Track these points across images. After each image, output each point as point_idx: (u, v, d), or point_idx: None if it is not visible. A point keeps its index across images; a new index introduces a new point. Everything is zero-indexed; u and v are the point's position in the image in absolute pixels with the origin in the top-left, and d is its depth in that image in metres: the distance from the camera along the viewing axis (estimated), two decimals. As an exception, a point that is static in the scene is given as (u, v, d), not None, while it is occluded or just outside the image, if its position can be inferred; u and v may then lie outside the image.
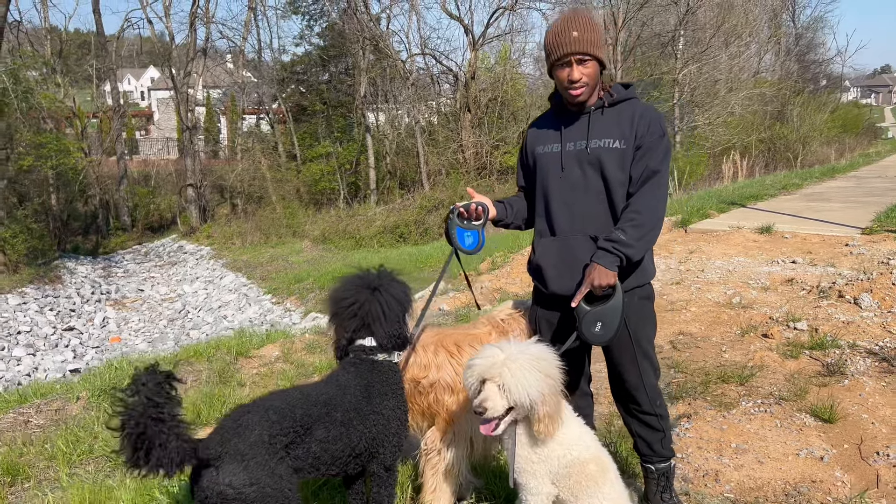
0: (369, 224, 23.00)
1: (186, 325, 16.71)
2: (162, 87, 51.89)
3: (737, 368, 5.22)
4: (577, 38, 2.78)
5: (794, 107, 33.48)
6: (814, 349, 5.53)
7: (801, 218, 12.37)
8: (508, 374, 2.55)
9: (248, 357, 6.36)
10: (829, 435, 4.16)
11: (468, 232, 3.12)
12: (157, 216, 33.08)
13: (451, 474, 3.28)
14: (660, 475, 3.25)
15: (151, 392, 2.06)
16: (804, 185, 18.18)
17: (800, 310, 6.62)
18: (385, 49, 28.80)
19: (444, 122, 29.58)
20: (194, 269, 22.78)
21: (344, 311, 2.95)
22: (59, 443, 4.32)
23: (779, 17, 44.52)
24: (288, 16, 35.97)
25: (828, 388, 4.80)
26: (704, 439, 4.14)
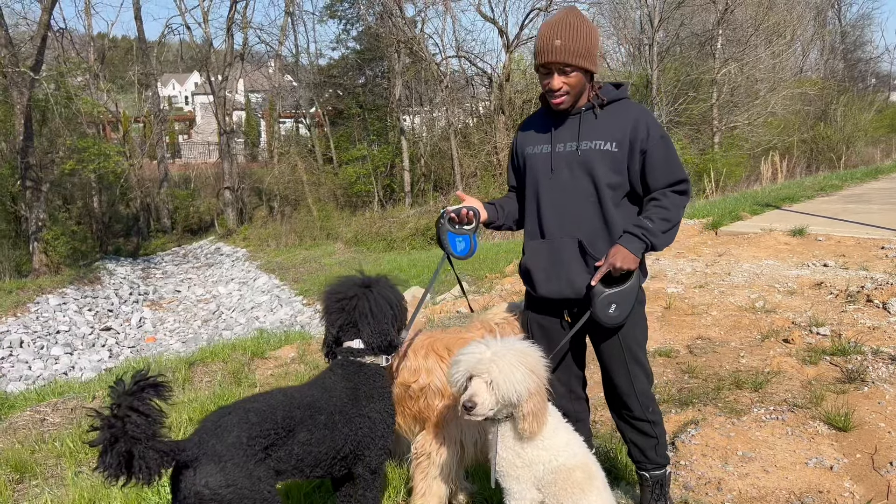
0: (402, 226, 23.07)
1: (219, 325, 16.94)
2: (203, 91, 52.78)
3: (752, 374, 5.08)
4: (559, 47, 2.72)
5: (838, 106, 32.62)
6: (835, 355, 5.36)
7: (838, 220, 12.05)
8: (496, 370, 2.51)
9: (264, 358, 6.41)
10: (842, 444, 4.03)
11: (460, 237, 3.07)
12: (197, 218, 33.64)
13: (441, 478, 3.25)
14: (654, 482, 3.18)
15: (128, 404, 2.08)
16: (844, 186, 17.71)
17: (824, 314, 6.44)
18: (420, 52, 28.88)
19: (478, 124, 29.55)
20: (230, 271, 23.11)
21: (333, 304, 2.95)
22: (68, 441, 4.39)
23: (823, 15, 43.49)
24: (325, 20, 36.33)
25: (846, 395, 4.65)
26: (710, 446, 4.04)
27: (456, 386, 2.63)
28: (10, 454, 4.27)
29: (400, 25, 29.20)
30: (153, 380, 2.16)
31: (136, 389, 2.11)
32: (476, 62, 29.61)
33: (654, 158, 2.82)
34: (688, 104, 26.39)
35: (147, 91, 35.15)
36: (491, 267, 11.57)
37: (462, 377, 2.59)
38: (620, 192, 2.88)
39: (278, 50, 33.49)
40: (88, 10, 31.03)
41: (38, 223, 20.09)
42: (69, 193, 26.33)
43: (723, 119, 27.84)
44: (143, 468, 2.08)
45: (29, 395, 5.63)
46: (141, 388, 2.12)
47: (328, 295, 2.99)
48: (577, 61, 2.74)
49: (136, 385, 2.12)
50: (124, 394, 2.09)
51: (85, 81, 28.23)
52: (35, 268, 20.06)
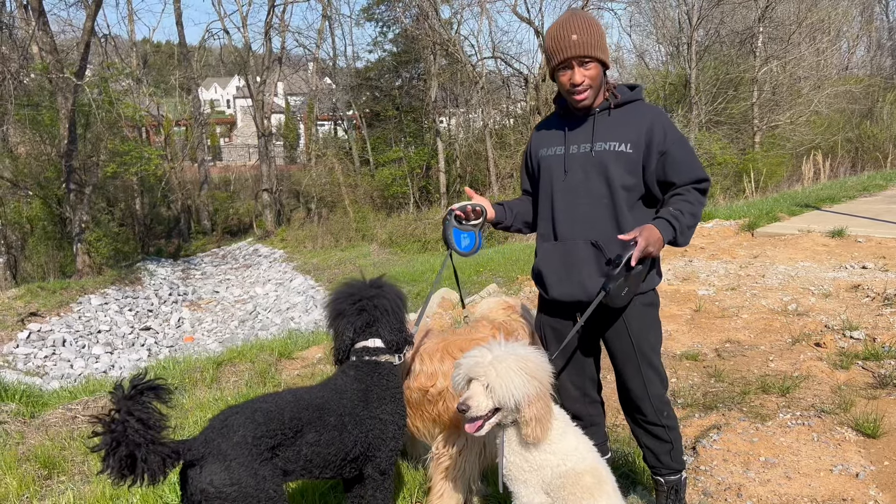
0: (436, 228, 23.11)
1: (255, 325, 17.17)
2: (244, 95, 53.61)
3: (780, 378, 4.98)
4: (577, 41, 2.72)
5: (884, 104, 31.75)
6: (868, 359, 5.23)
7: (880, 221, 11.73)
8: (494, 374, 2.50)
9: (291, 359, 6.47)
10: (869, 451, 3.92)
11: (464, 233, 3.08)
12: (236, 220, 34.17)
13: (460, 479, 3.26)
14: (669, 488, 3.13)
15: (128, 409, 2.12)
16: (888, 186, 17.22)
17: (859, 318, 6.28)
18: (456, 53, 28.91)
19: (514, 124, 29.48)
20: (267, 272, 23.42)
21: (349, 307, 2.97)
22: (96, 438, 4.48)
23: (870, 10, 42.41)
24: (361, 23, 36.64)
25: (877, 400, 4.53)
26: (732, 452, 3.97)
27: (457, 388, 2.63)
28: (41, 451, 4.38)
29: (436, 27, 29.27)
30: (151, 383, 2.20)
31: (135, 393, 2.16)
32: (512, 63, 29.55)
33: (675, 158, 2.79)
34: (727, 103, 25.95)
35: (188, 95, 35.82)
36: (522, 269, 11.52)
37: (462, 380, 2.59)
38: (635, 194, 2.85)
39: (316, 53, 33.83)
40: (131, 16, 31.77)
41: (82, 225, 20.60)
42: (112, 196, 26.95)
43: (764, 118, 27.32)
44: (145, 470, 2.12)
45: (62, 393, 5.77)
46: (140, 392, 2.17)
47: (341, 299, 3.01)
48: (594, 52, 2.73)
49: (134, 389, 2.16)
50: (123, 398, 2.13)
51: (128, 86, 28.88)
52: (78, 268, 20.58)
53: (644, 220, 2.90)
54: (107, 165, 21.65)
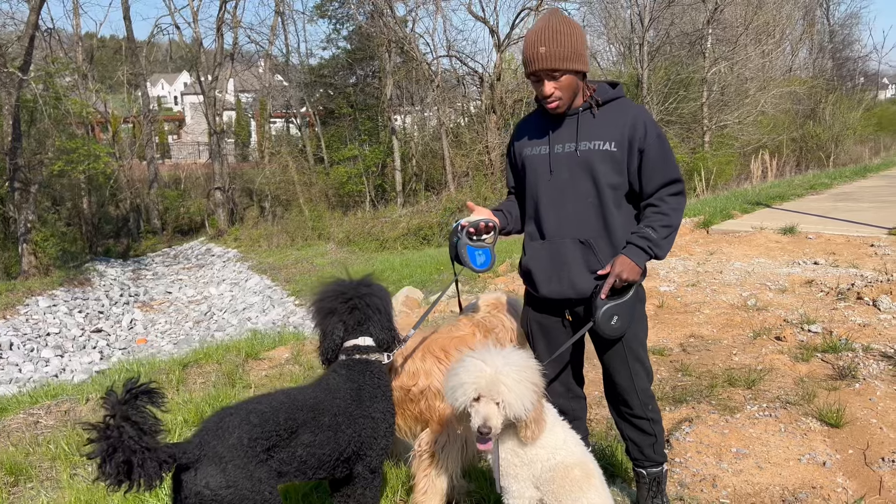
0: (394, 226, 23.06)
1: (211, 326, 16.89)
2: (193, 91, 52.61)
3: (745, 372, 5.12)
4: (545, 53, 2.72)
5: (826, 105, 32.82)
6: (826, 352, 5.41)
7: (827, 218, 12.14)
8: (506, 391, 2.47)
9: (258, 359, 6.40)
10: (834, 440, 4.06)
11: (479, 250, 3.02)
12: (187, 219, 33.52)
13: (444, 476, 3.27)
14: (651, 480, 3.20)
15: (123, 414, 2.08)
16: (833, 184, 17.83)
17: (816, 312, 6.49)
18: (411, 51, 28.87)
19: (469, 123, 29.57)
20: (221, 272, 23.04)
21: (340, 305, 2.95)
22: (63, 443, 4.38)
23: (812, 14, 43.73)
24: (315, 20, 36.29)
25: (837, 391, 4.69)
26: (704, 444, 4.07)
27: (460, 407, 2.56)
28: (5, 457, 4.26)
29: (391, 25, 29.19)
30: (145, 386, 2.16)
31: (129, 397, 2.11)
32: (467, 62, 29.64)
33: (651, 157, 2.83)
34: (678, 103, 26.48)
35: (136, 91, 35.00)
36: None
37: (468, 398, 2.52)
38: (621, 192, 2.89)
39: (268, 50, 33.41)
40: (77, 9, 30.87)
41: (27, 225, 19.97)
42: (58, 195, 26.20)
43: (713, 118, 27.95)
44: (142, 475, 2.08)
45: (22, 398, 5.60)
46: (134, 396, 2.13)
47: (331, 297, 2.99)
48: (563, 65, 2.73)
49: (128, 393, 2.12)
50: (118, 403, 2.09)
51: (74, 82, 28.09)
52: (24, 269, 19.95)
53: (630, 218, 2.95)
54: (53, 163, 21.02)
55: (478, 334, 3.37)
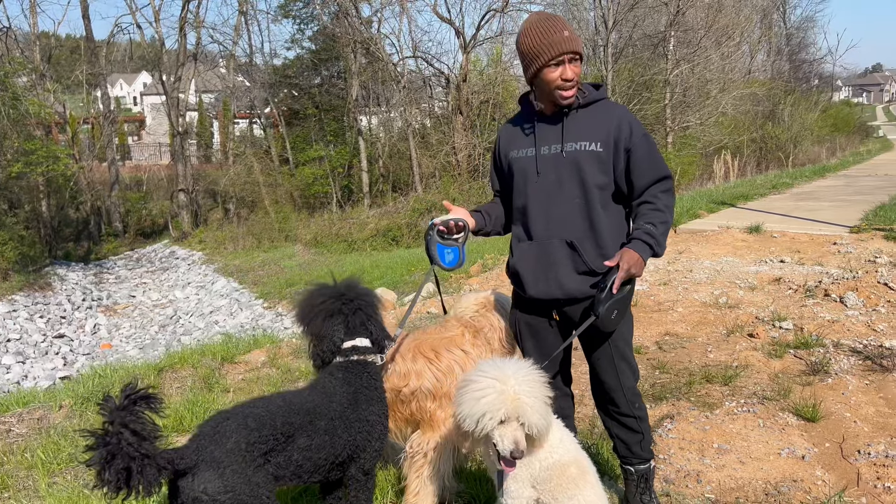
0: (362, 227, 22.98)
1: (178, 330, 16.65)
2: (154, 92, 51.79)
3: (721, 369, 5.22)
4: (570, 37, 2.76)
5: (785, 106, 33.55)
6: (798, 348, 5.54)
7: (791, 217, 12.41)
8: (531, 412, 2.45)
9: (234, 363, 6.32)
10: (811, 434, 4.16)
11: (448, 248, 3.07)
12: (150, 222, 32.99)
13: (436, 477, 3.27)
14: (639, 477, 3.24)
15: (121, 420, 2.05)
16: (794, 184, 18.23)
17: (786, 309, 6.63)
18: (376, 52, 28.78)
19: (436, 124, 29.59)
20: (186, 275, 22.72)
21: (339, 307, 2.93)
22: (40, 452, 4.28)
23: (769, 17, 44.66)
24: (279, 20, 35.98)
25: (811, 387, 4.81)
26: (687, 440, 4.13)
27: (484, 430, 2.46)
28: (-22, 467, 4.15)
29: (356, 25, 29.07)
30: (143, 392, 2.13)
31: (128, 404, 2.09)
32: (433, 62, 29.66)
33: (639, 156, 2.87)
34: (642, 105, 26.83)
35: (95, 91, 34.32)
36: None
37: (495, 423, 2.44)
38: (607, 192, 2.92)
39: (232, 50, 33.03)
40: (34, 7, 30.15)
41: (-15, 228, 19.48)
42: (16, 197, 25.57)
43: (676, 119, 28.38)
44: (141, 482, 2.06)
45: (-8, 405, 5.45)
46: (132, 402, 2.10)
47: (327, 299, 2.96)
48: (583, 50, 2.82)
49: (126, 399, 2.09)
50: (116, 409, 2.06)
51: (31, 81, 27.47)
52: (-18, 274, 19.45)
53: (617, 218, 2.99)
54: (11, 165, 20.51)
55: (467, 335, 3.38)
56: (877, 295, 6.66)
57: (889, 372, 4.99)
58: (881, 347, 5.44)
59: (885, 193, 15.38)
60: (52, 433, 4.64)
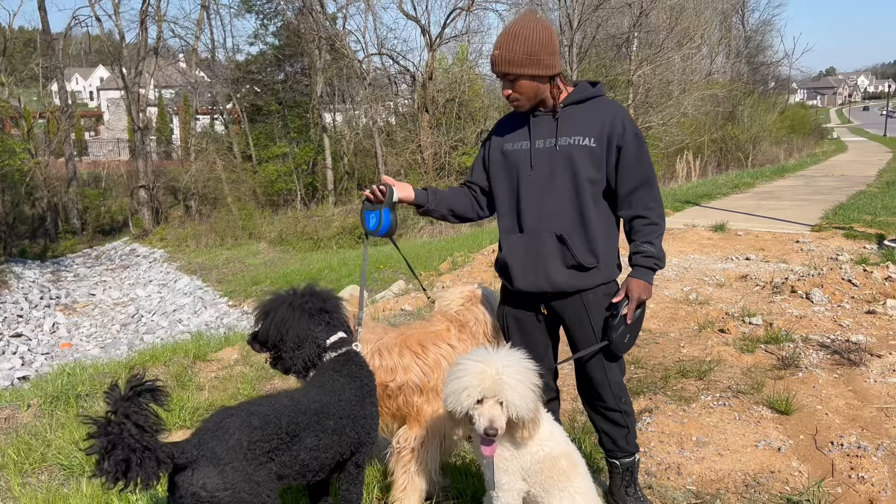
0: (327, 225, 22.83)
1: (140, 329, 16.36)
2: (112, 86, 50.69)
3: (695, 363, 5.30)
4: (496, 57, 2.82)
5: (744, 108, 34.23)
6: (769, 343, 5.65)
7: (754, 216, 12.66)
8: (510, 391, 2.47)
9: (207, 360, 6.24)
10: (785, 426, 4.25)
11: (372, 213, 3.12)
12: (109, 219, 32.32)
13: (423, 472, 3.27)
14: (624, 470, 3.27)
15: (125, 410, 2.01)
16: (756, 184, 18.60)
17: (754, 305, 6.77)
18: (341, 49, 28.61)
19: (402, 122, 29.53)
20: (147, 273, 22.33)
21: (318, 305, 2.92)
22: (10, 451, 4.18)
23: (729, 20, 45.52)
24: (242, 14, 35.56)
25: (783, 380, 4.91)
26: (666, 433, 4.19)
27: (463, 408, 2.52)
28: (-53, 468, 4.03)
29: (321, 21, 28.86)
30: (149, 384, 2.11)
31: (133, 394, 2.06)
32: (398, 60, 29.61)
33: (628, 155, 2.90)
34: (613, 101, 27.10)
35: (51, 85, 33.52)
36: (424, 265, 11.60)
37: (472, 401, 2.50)
38: (599, 188, 2.95)
39: (194, 45, 32.53)
40: (-12, -2, 29.28)
41: (-62, 224, 18.89)
42: (-31, 193, 24.88)
43: (639, 119, 28.75)
44: (141, 474, 2.02)
45: (-44, 406, 5.29)
46: (137, 393, 2.07)
47: (306, 299, 2.94)
48: (514, 70, 2.80)
49: (132, 390, 2.06)
50: (121, 399, 2.03)
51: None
52: (-66, 272, 18.87)
53: (606, 214, 3.01)
54: (-35, 160, 19.94)
55: (452, 329, 3.38)
56: (841, 291, 6.83)
57: (856, 366, 5.12)
58: (848, 342, 5.58)
59: (842, 193, 15.79)
60: (22, 433, 4.52)
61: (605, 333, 2.94)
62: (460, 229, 19.90)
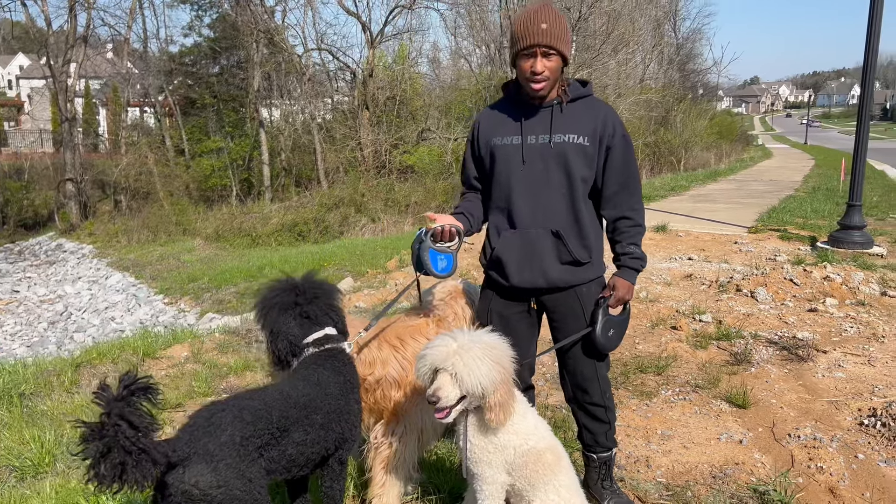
0: (265, 221, 22.43)
1: (69, 327, 15.69)
2: (35, 75, 48.60)
3: (652, 359, 5.41)
4: (546, 30, 2.76)
5: (676, 113, 35.16)
6: (720, 340, 5.82)
7: (693, 218, 13.02)
8: (461, 364, 2.51)
9: (156, 358, 6.04)
10: (744, 420, 4.38)
11: (441, 255, 2.99)
12: (32, 213, 30.95)
13: (401, 468, 3.23)
14: (601, 464, 3.31)
15: (119, 412, 1.91)
16: (691, 187, 19.14)
17: (703, 303, 6.95)
18: (280, 43, 28.17)
19: (341, 119, 29.25)
20: (76, 269, 21.48)
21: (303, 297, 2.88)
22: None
23: (662, 28, 46.71)
24: (176, 5, 34.51)
25: (737, 375, 5.06)
26: (632, 427, 4.26)
27: (422, 379, 2.62)
28: None
29: (259, 14, 28.34)
30: (143, 383, 2.01)
31: (126, 394, 1.96)
32: (339, 56, 29.32)
33: (616, 156, 2.93)
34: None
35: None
36: (371, 263, 11.52)
37: (428, 371, 2.59)
38: (588, 185, 2.97)
39: (126, 34, 31.48)
40: None
41: None
42: None
43: (576, 122, 29.14)
44: (136, 476, 1.94)
45: None
46: (131, 393, 1.97)
47: (287, 291, 2.89)
48: (559, 45, 2.79)
49: (125, 390, 1.97)
50: (114, 400, 1.93)
51: None
52: None
53: (593, 211, 3.03)
54: None
55: (431, 323, 3.35)
56: (784, 290, 7.09)
57: (804, 361, 5.32)
58: (795, 339, 5.80)
59: (773, 197, 16.41)
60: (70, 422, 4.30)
61: (590, 321, 2.98)
62: (403, 228, 19.86)
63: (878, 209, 13.52)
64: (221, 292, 14.24)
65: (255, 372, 5.63)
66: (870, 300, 6.92)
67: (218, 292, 14.49)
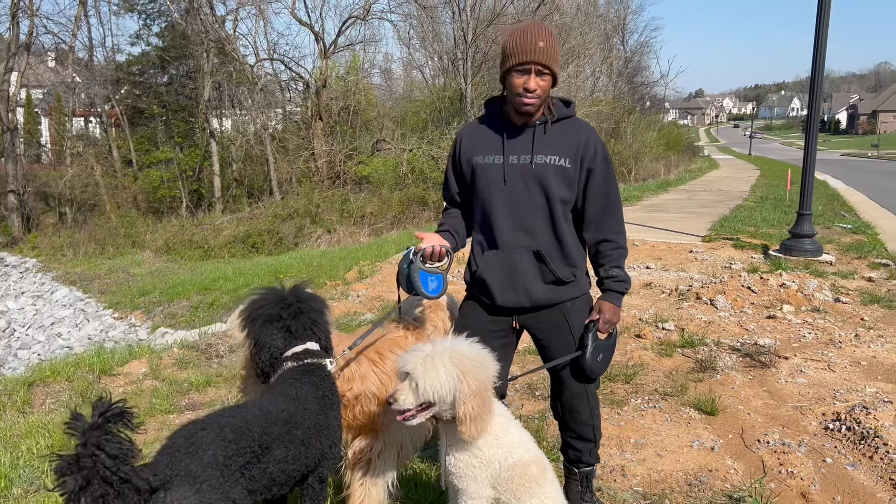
0: (217, 233, 22.00)
1: (13, 344, 15.13)
2: (-27, 83, 46.92)
3: (620, 367, 5.44)
4: (543, 48, 2.74)
5: (626, 125, 35.80)
6: (685, 347, 5.89)
7: (647, 227, 13.21)
8: (420, 370, 2.47)
9: (113, 375, 5.84)
10: (713, 426, 4.43)
11: (432, 276, 2.93)
12: (-30, 226, 29.81)
13: (380, 484, 3.17)
14: (582, 477, 3.29)
15: (96, 441, 1.81)
16: (643, 197, 19.46)
17: (665, 311, 7.04)
18: (231, 52, 27.79)
19: (294, 129, 28.96)
20: (18, 283, 20.73)
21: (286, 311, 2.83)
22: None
23: (610, 41, 47.58)
24: (122, 13, 33.78)
25: (704, 382, 5.12)
26: (606, 436, 4.25)
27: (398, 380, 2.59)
28: None
29: (209, 23, 27.93)
30: (118, 409, 1.91)
31: (102, 422, 1.86)
32: (291, 66, 29.05)
33: (597, 179, 2.92)
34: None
35: None
36: (329, 274, 11.38)
37: (400, 373, 2.56)
38: (569, 206, 2.95)
39: (71, 43, 30.68)
40: None
41: None
42: None
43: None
44: None
45: None
46: (106, 420, 1.87)
47: (273, 303, 2.83)
48: (554, 66, 2.79)
49: (100, 417, 1.86)
50: (90, 429, 1.83)
51: None
52: None
53: (574, 231, 3.01)
54: None
55: (410, 337, 3.30)
56: (742, 298, 7.22)
57: (767, 367, 5.42)
58: (756, 345, 5.91)
59: (724, 206, 16.78)
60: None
61: (579, 345, 2.96)
62: (359, 238, 19.72)
63: (824, 218, 13.94)
64: (174, 306, 13.92)
65: (218, 387, 5.49)
66: (825, 306, 7.10)
67: (170, 306, 14.17)
